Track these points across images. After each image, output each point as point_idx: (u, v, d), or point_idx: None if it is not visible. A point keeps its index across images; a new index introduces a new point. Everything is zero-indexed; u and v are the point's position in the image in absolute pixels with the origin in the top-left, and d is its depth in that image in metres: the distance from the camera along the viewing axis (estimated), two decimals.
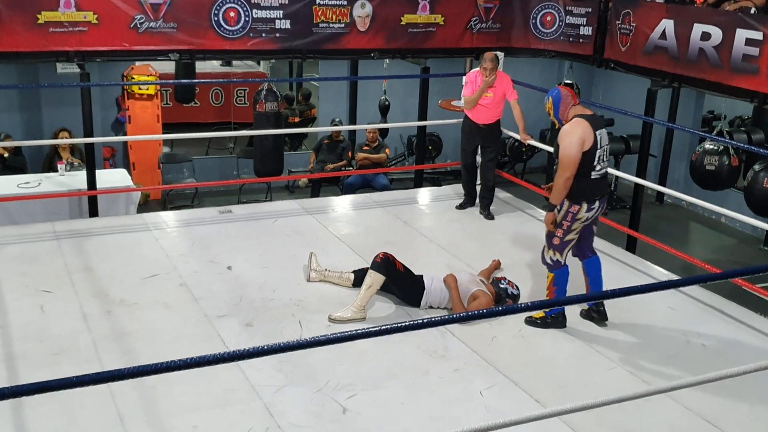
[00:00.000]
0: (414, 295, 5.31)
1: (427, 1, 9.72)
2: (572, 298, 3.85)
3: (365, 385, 4.42)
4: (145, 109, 11.09)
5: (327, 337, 2.86)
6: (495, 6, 10.17)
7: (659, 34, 8.90)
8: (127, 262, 5.89)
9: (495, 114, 7.25)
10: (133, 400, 4.13)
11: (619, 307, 5.35)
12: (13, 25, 8.05)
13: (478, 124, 7.25)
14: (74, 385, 2.10)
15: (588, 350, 4.94)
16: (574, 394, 4.39)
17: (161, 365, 2.24)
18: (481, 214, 7.34)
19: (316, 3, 9.19)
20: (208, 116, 13.79)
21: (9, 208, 8.27)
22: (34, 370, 4.36)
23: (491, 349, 4.84)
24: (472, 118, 7.28)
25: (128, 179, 9.49)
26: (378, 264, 5.20)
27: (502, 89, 7.17)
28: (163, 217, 7.17)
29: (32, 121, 10.95)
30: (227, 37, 8.91)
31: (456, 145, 12.18)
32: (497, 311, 3.00)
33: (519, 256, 6.35)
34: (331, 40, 9.40)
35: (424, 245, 6.61)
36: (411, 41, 9.81)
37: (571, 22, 10.19)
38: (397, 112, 12.21)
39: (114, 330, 4.88)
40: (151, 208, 9.61)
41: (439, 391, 4.41)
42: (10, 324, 4.90)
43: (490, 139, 7.35)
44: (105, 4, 8.34)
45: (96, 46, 8.47)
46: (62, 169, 9.14)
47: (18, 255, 5.95)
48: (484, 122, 7.24)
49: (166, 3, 8.53)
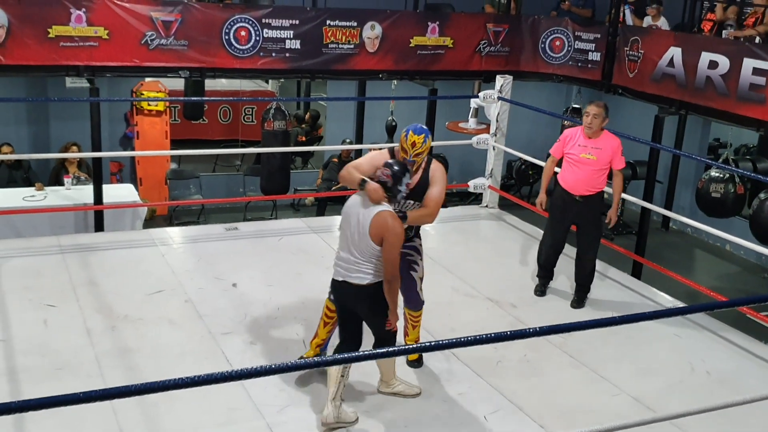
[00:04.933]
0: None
1: (437, 23, 9.79)
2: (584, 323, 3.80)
3: (368, 407, 4.39)
4: (154, 125, 11.14)
5: (330, 359, 2.85)
6: (504, 30, 10.24)
7: (667, 62, 8.94)
8: (133, 277, 5.88)
9: (597, 183, 5.67)
10: (135, 417, 4.10)
11: (624, 333, 5.32)
12: (23, 38, 8.12)
13: (574, 195, 5.69)
14: (81, 401, 2.08)
15: (593, 376, 4.91)
16: (578, 420, 4.36)
17: (167, 383, 2.23)
18: (571, 306, 5.89)
19: (327, 24, 9.27)
20: (216, 133, 13.86)
21: (14, 221, 8.29)
22: (35, 384, 4.34)
23: (496, 374, 4.81)
24: (567, 188, 5.72)
25: (135, 194, 9.52)
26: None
27: (610, 152, 5.62)
28: (169, 232, 7.18)
29: (40, 134, 10.99)
30: (237, 56, 8.98)
31: (462, 166, 12.28)
32: (504, 336, 2.98)
33: (526, 280, 6.33)
34: (341, 60, 9.46)
35: (429, 267, 6.52)
36: (419, 63, 9.88)
37: (579, 47, 10.25)
38: None
39: (118, 346, 4.87)
40: (158, 224, 9.63)
41: (442, 415, 4.39)
42: (13, 337, 4.88)
43: (590, 215, 5.78)
44: (116, 19, 8.41)
45: (106, 61, 8.54)
46: (68, 182, 9.17)
47: (22, 268, 5.94)
48: (582, 193, 5.67)
49: (177, 20, 8.61)
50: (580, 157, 5.61)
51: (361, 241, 4.07)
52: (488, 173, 7.89)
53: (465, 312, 5.69)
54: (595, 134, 5.59)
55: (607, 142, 5.62)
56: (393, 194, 4.11)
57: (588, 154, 5.59)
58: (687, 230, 11.90)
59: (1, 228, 8.17)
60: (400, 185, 4.11)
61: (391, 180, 4.08)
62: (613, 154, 5.62)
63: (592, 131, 5.58)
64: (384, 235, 4.01)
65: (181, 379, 2.29)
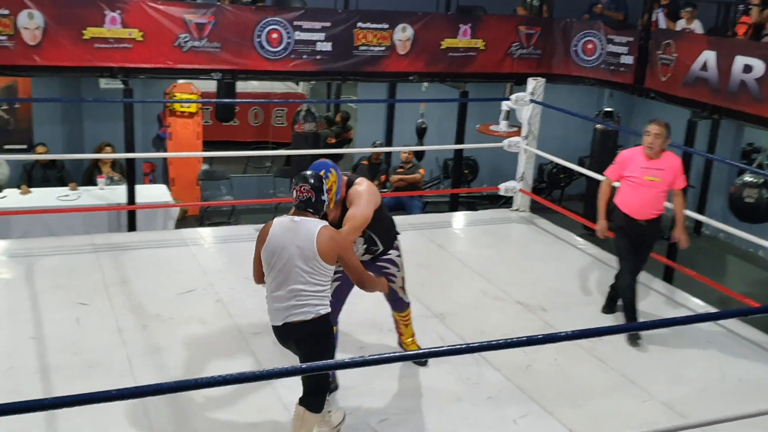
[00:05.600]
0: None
1: (468, 25, 9.77)
2: (615, 328, 3.79)
3: (397, 409, 4.39)
4: (186, 126, 11.25)
5: (360, 359, 2.85)
6: (536, 32, 10.20)
7: (700, 66, 8.84)
8: (164, 276, 5.93)
9: (660, 205, 5.39)
10: (166, 416, 4.14)
11: (656, 338, 5.27)
12: (59, 39, 8.24)
13: (636, 219, 5.36)
14: (114, 398, 2.11)
15: (623, 381, 4.87)
16: (608, 425, 4.33)
17: (198, 381, 2.25)
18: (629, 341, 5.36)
19: (358, 26, 9.29)
20: (247, 135, 13.94)
21: (48, 221, 8.40)
22: (68, 382, 4.39)
23: (526, 378, 4.78)
24: (631, 213, 5.36)
25: (167, 195, 9.61)
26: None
27: (672, 172, 5.33)
28: (200, 233, 7.23)
29: (74, 134, 11.13)
30: (269, 58, 9.03)
31: (492, 168, 12.24)
32: (536, 339, 2.96)
33: (556, 283, 6.29)
34: (371, 62, 9.48)
35: (459, 269, 6.58)
36: (450, 65, 9.86)
37: (612, 50, 10.18)
38: (433, 135, 12.23)
39: (149, 344, 4.91)
40: (189, 224, 9.71)
41: (471, 418, 4.37)
42: (46, 336, 4.95)
43: (651, 240, 5.52)
44: (150, 21, 8.50)
45: (140, 62, 8.63)
46: (102, 182, 9.27)
47: (56, 267, 6.02)
48: (647, 217, 5.37)
49: (210, 23, 8.68)
50: (644, 180, 5.28)
51: (298, 262, 3.72)
52: (519, 176, 7.85)
53: (494, 315, 5.67)
54: (656, 154, 5.28)
55: (670, 162, 5.32)
56: (318, 208, 3.83)
57: (651, 176, 5.27)
58: (719, 235, 11.75)
59: (36, 227, 8.29)
60: (322, 195, 3.83)
61: (313, 194, 3.79)
62: (676, 174, 5.33)
63: (654, 152, 5.26)
64: (337, 251, 3.76)
65: (212, 377, 2.31)
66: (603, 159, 10.52)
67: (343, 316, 4.58)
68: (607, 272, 6.62)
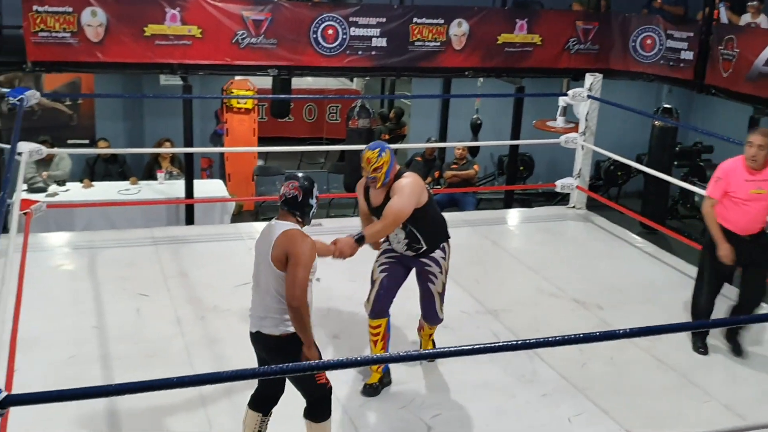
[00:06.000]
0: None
1: (525, 20, 9.68)
2: (675, 326, 3.70)
3: (451, 405, 4.38)
4: (242, 122, 11.38)
5: (414, 353, 2.86)
6: (594, 27, 10.05)
7: (764, 61, 8.61)
8: (221, 269, 6.03)
9: (764, 218, 5.03)
10: (223, 406, 4.21)
11: (716, 338, 5.17)
12: (120, 36, 8.40)
13: (739, 235, 4.95)
14: (174, 385, 2.15)
15: (682, 381, 4.78)
16: (665, 426, 4.27)
17: (256, 371, 2.28)
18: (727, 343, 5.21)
19: (413, 21, 9.27)
20: (301, 131, 14.05)
21: (110, 213, 8.60)
22: (128, 371, 4.48)
23: (581, 376, 4.73)
24: (736, 229, 4.95)
25: (224, 190, 9.75)
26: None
27: None
28: (256, 227, 7.29)
29: (134, 129, 11.35)
30: (325, 54, 9.07)
31: (548, 165, 12.11)
32: (593, 336, 2.92)
33: (612, 281, 6.20)
34: (426, 58, 9.45)
35: (513, 266, 6.54)
36: (506, 60, 9.78)
37: (671, 46, 9.97)
38: (488, 131, 12.14)
39: (206, 335, 5.00)
40: (245, 219, 9.82)
41: (525, 415, 4.34)
42: (107, 326, 5.07)
43: (761, 255, 5.06)
44: (209, 18, 8.61)
45: (199, 59, 8.75)
46: (161, 177, 9.46)
47: (117, 259, 6.16)
48: (752, 232, 4.99)
49: (267, 19, 8.75)
50: (750, 194, 4.91)
51: (267, 273, 3.54)
52: (576, 173, 7.76)
53: (549, 312, 5.62)
54: (760, 166, 4.92)
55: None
56: (304, 212, 3.66)
57: (758, 189, 4.91)
58: None
59: (98, 220, 8.50)
60: (311, 198, 3.67)
61: (300, 193, 3.62)
62: None
63: (758, 164, 4.90)
64: (288, 251, 3.46)
65: (270, 367, 2.33)
66: (661, 156, 10.34)
67: (397, 311, 4.59)
68: (664, 271, 6.53)
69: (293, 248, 3.46)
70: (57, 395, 2.22)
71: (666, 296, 5.95)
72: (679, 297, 5.79)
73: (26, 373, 4.07)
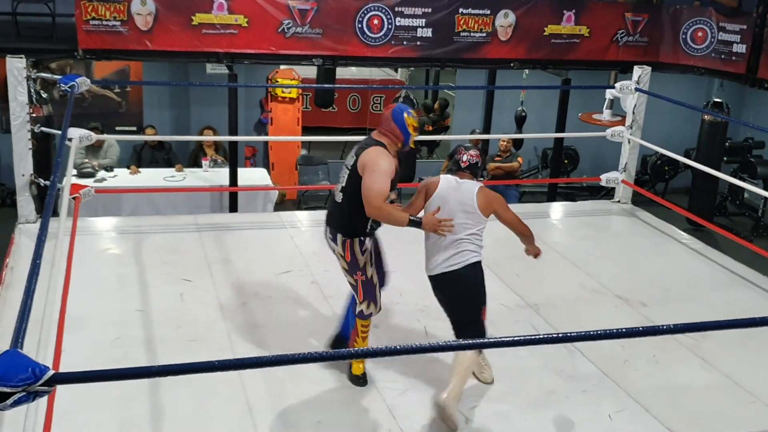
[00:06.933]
0: None
1: (573, 12, 9.56)
2: (721, 323, 3.64)
3: (489, 397, 4.36)
4: (287, 111, 11.45)
5: (453, 343, 2.84)
6: (643, 19, 9.90)
7: None
8: (263, 256, 6.07)
9: None
10: (262, 392, 4.24)
11: (763, 337, 5.06)
12: (169, 25, 8.51)
13: None
14: (215, 368, 2.17)
15: (726, 381, 4.69)
16: (708, 426, 4.20)
17: (295, 356, 2.29)
18: None
19: (459, 12, 9.22)
20: (344, 121, 14.08)
21: (155, 200, 8.73)
22: (170, 354, 4.55)
23: (622, 373, 4.67)
24: None
25: (267, 178, 9.83)
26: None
27: None
28: (298, 216, 7.36)
29: (181, 117, 11.49)
30: (369, 44, 9.07)
31: (593, 159, 11.97)
32: (635, 331, 2.88)
33: (657, 278, 6.11)
34: (472, 49, 9.40)
35: (556, 261, 6.47)
36: (553, 52, 9.68)
37: (723, 38, 9.78)
38: (533, 123, 12.04)
39: (247, 321, 5.04)
40: (287, 207, 9.89)
41: (564, 411, 4.30)
42: (151, 309, 5.14)
43: None
44: (255, 8, 8.67)
45: (245, 48, 8.82)
46: (206, 165, 9.56)
47: (162, 244, 6.25)
48: None
49: (313, 9, 8.78)
50: None
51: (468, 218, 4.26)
52: (622, 167, 7.65)
53: (592, 308, 5.56)
54: None
55: None
56: (477, 174, 4.43)
57: None
58: None
59: (144, 205, 8.63)
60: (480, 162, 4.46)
61: (480, 160, 4.44)
62: None
63: None
64: (494, 206, 4.35)
65: (309, 353, 2.34)
66: (710, 151, 10.14)
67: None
68: (711, 268, 6.41)
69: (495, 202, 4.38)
70: (102, 374, 2.26)
71: (713, 295, 5.85)
72: (726, 295, 5.69)
73: (72, 354, 4.14)
